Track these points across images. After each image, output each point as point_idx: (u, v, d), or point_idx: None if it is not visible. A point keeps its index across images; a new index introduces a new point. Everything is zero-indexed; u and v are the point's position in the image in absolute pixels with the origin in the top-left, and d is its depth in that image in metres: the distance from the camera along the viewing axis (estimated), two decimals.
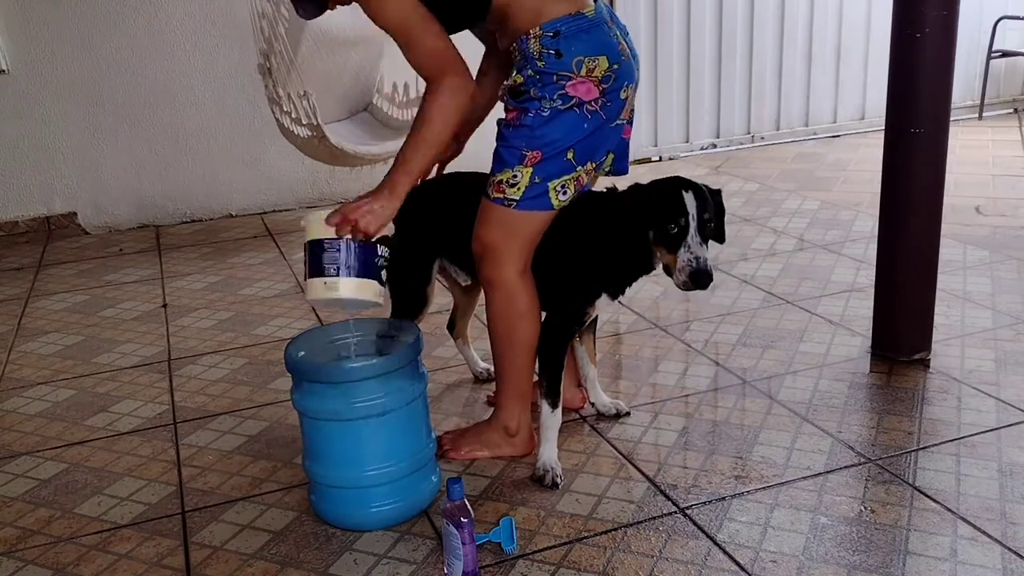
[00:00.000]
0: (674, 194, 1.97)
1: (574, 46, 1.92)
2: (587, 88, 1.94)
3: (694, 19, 5.60)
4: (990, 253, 3.56)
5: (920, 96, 2.48)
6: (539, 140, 1.97)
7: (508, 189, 2.01)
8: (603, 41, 1.95)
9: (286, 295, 3.60)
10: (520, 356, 2.15)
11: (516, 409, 2.22)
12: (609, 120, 2.00)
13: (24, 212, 4.71)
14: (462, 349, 2.73)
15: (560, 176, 2.00)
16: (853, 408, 2.42)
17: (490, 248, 2.08)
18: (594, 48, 1.93)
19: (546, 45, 1.92)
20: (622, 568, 1.82)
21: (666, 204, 1.97)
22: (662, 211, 1.97)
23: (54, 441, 2.50)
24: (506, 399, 2.21)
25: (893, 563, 1.78)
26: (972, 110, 6.31)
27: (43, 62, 4.52)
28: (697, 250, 1.94)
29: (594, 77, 1.93)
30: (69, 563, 1.95)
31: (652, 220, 1.99)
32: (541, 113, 1.95)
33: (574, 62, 1.92)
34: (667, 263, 2.00)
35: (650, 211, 1.99)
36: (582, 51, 1.92)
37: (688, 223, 1.95)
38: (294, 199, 5.05)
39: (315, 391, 1.93)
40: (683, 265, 1.94)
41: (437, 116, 1.89)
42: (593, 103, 1.95)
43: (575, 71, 1.92)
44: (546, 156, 1.98)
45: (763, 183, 4.96)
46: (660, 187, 2.02)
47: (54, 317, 3.51)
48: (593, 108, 1.96)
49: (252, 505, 2.13)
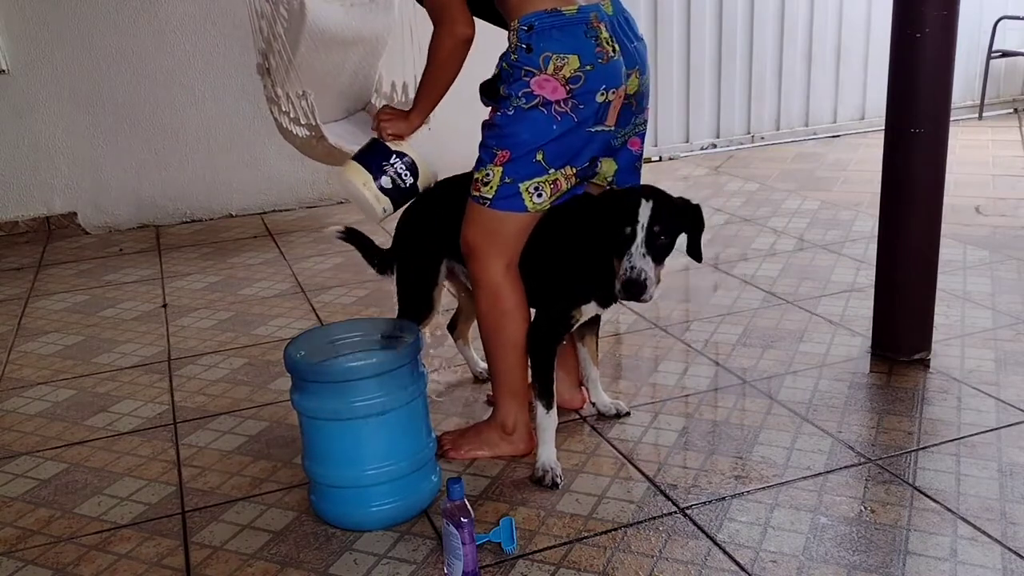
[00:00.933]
0: (631, 202, 1.94)
1: (544, 42, 1.90)
2: (552, 86, 1.91)
3: (694, 19, 5.60)
4: (990, 253, 3.56)
5: (920, 96, 2.48)
6: (507, 139, 1.98)
7: (483, 188, 2.04)
8: (578, 40, 1.91)
9: (286, 295, 3.60)
10: (509, 354, 2.15)
11: (511, 407, 2.21)
12: (584, 123, 1.95)
13: (24, 212, 4.71)
14: (462, 349, 2.73)
15: (532, 178, 1.99)
16: (853, 408, 2.42)
17: (473, 247, 2.10)
18: (565, 46, 1.90)
19: (521, 39, 1.93)
20: (622, 568, 1.82)
21: (619, 210, 1.95)
22: (614, 216, 1.95)
23: (54, 441, 2.50)
24: (500, 397, 2.22)
25: (893, 563, 1.78)
26: (972, 110, 6.31)
27: (43, 62, 4.52)
28: (637, 260, 1.91)
29: (560, 76, 1.90)
30: (69, 563, 1.95)
31: (604, 225, 1.98)
32: (507, 112, 1.97)
33: (541, 58, 1.90)
34: (617, 270, 1.98)
35: (605, 215, 1.97)
36: (552, 48, 1.90)
37: (636, 232, 1.92)
38: (294, 199, 5.05)
39: (315, 391, 1.93)
40: (621, 273, 1.94)
41: (435, 60, 2.07)
42: (561, 104, 1.92)
43: (542, 67, 1.91)
44: (514, 156, 1.98)
45: (763, 183, 4.96)
46: (623, 193, 2.00)
47: (54, 317, 3.51)
48: (562, 109, 1.93)
49: (252, 505, 2.13)
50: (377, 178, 2.20)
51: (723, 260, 3.68)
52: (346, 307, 3.41)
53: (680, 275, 3.51)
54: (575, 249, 2.10)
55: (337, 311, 3.36)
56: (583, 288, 2.13)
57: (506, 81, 1.97)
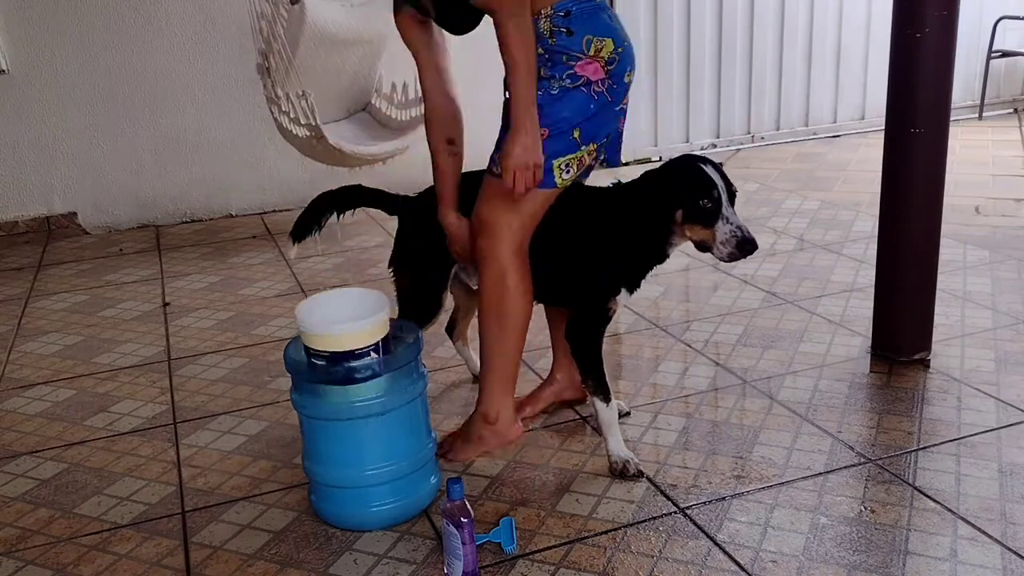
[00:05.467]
0: (698, 170, 1.98)
1: (585, 25, 1.99)
2: (594, 68, 2.01)
3: (694, 19, 5.60)
4: (990, 253, 3.56)
5: (920, 96, 2.48)
6: (547, 118, 2.01)
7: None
8: (609, 24, 2.03)
9: (286, 295, 3.60)
10: (507, 337, 2.16)
11: (495, 394, 2.21)
12: (614, 103, 2.06)
13: (24, 212, 4.72)
14: (461, 350, 2.73)
15: (565, 155, 2.05)
16: (853, 408, 2.42)
17: (488, 223, 2.09)
18: (602, 30, 2.01)
19: (557, 24, 1.99)
20: (622, 568, 1.82)
21: (695, 181, 1.98)
22: (692, 188, 1.97)
23: (54, 441, 2.50)
24: (489, 384, 2.21)
25: (893, 563, 1.78)
26: (972, 110, 6.31)
27: (43, 62, 4.52)
28: (735, 219, 1.95)
29: (600, 58, 2.01)
30: (69, 563, 1.95)
31: (682, 199, 1.99)
32: (550, 92, 2.01)
33: (584, 41, 1.99)
34: (703, 239, 2.00)
35: (679, 190, 1.99)
36: (591, 31, 2.00)
37: (720, 195, 1.96)
38: (294, 199, 5.04)
39: (315, 391, 1.93)
40: (727, 237, 1.95)
41: (518, 49, 1.96)
42: (600, 84, 2.02)
43: (585, 51, 1.99)
44: (552, 134, 2.02)
45: (763, 183, 4.96)
46: (679, 166, 2.04)
47: (54, 317, 3.51)
48: (600, 89, 2.02)
49: (252, 505, 2.13)
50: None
51: None
52: None
53: (680, 275, 3.52)
54: (606, 241, 2.12)
55: None
56: (616, 278, 2.14)
57: (543, 65, 2.02)
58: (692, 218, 1.99)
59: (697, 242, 2.03)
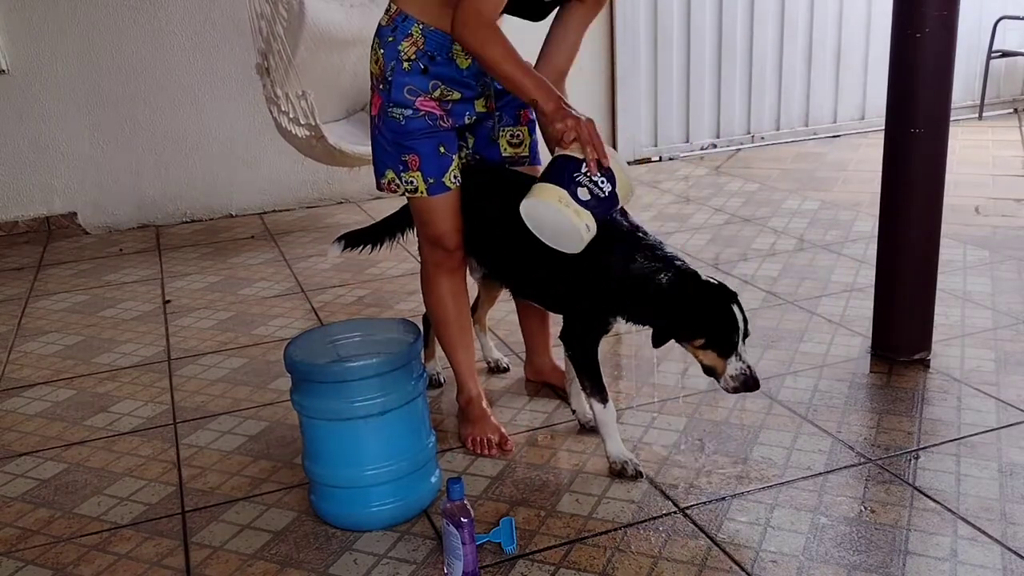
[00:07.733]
0: (730, 312, 1.97)
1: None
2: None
3: (694, 19, 5.59)
4: (990, 253, 3.56)
5: (920, 96, 2.48)
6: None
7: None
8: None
9: (286, 295, 3.60)
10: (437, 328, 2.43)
11: (460, 381, 2.41)
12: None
13: (24, 212, 4.71)
14: (478, 335, 2.71)
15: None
16: (853, 408, 2.42)
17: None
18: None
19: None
20: (622, 568, 1.82)
21: (726, 322, 1.97)
22: (720, 327, 1.97)
23: (54, 441, 2.50)
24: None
25: (893, 563, 1.78)
26: (972, 110, 6.31)
27: (43, 62, 4.52)
28: (747, 359, 1.98)
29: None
30: (69, 563, 1.95)
31: (707, 332, 1.98)
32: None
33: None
34: (713, 365, 1.99)
35: (707, 325, 1.98)
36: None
37: (740, 338, 1.98)
38: (294, 199, 5.04)
39: (314, 391, 1.93)
40: (736, 373, 1.97)
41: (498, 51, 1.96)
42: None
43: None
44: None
45: (763, 183, 4.96)
46: (716, 304, 1.98)
47: (54, 317, 3.51)
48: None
49: (252, 505, 2.13)
50: (573, 192, 1.89)
51: (723, 260, 3.68)
52: (346, 307, 3.41)
53: None
54: (620, 286, 2.06)
55: (337, 311, 3.36)
56: (618, 307, 2.10)
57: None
58: (710, 347, 1.99)
59: (705, 366, 2.02)
